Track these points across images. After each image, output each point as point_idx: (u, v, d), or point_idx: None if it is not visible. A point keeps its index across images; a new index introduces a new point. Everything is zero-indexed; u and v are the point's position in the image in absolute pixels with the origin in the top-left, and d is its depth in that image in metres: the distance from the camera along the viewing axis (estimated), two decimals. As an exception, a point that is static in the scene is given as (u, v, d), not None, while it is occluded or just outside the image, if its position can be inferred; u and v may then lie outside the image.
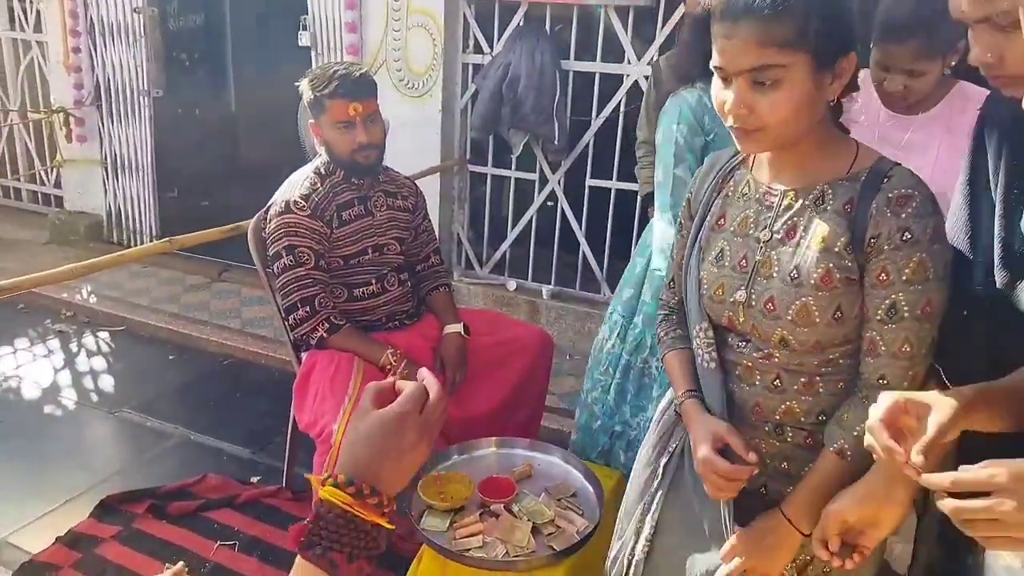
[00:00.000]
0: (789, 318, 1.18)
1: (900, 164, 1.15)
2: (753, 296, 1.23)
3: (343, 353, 2.08)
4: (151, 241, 4.60)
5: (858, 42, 1.14)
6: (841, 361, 1.21)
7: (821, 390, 1.23)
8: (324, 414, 1.95)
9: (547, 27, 3.59)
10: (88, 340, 3.78)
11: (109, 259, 2.14)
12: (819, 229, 1.16)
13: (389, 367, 2.09)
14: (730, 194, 1.30)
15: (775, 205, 1.21)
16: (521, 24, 3.62)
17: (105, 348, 3.73)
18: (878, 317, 1.14)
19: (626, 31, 3.43)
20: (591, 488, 1.84)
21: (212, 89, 5.73)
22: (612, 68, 3.53)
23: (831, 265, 1.15)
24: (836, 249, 1.14)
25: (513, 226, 3.94)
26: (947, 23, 1.35)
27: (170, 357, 3.64)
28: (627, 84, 3.49)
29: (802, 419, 1.24)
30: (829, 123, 1.19)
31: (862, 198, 1.13)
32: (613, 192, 3.64)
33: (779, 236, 1.20)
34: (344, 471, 0.74)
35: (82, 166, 4.88)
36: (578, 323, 3.70)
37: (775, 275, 1.20)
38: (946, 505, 0.81)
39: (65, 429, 3.04)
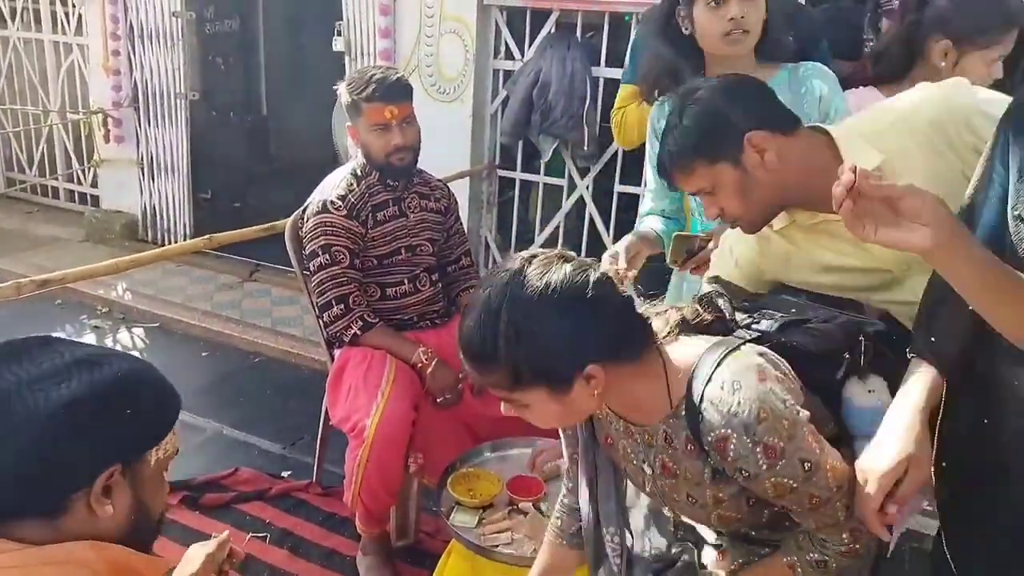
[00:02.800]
0: (714, 524, 1.21)
1: (706, 390, 1.08)
2: (676, 511, 1.28)
3: (376, 350, 2.13)
4: (184, 240, 4.70)
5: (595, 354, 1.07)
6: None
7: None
8: (357, 409, 1.99)
9: (578, 34, 3.62)
10: (123, 336, 3.86)
11: (151, 255, 2.20)
12: (683, 468, 1.17)
13: (420, 365, 2.13)
14: (601, 418, 1.28)
15: (639, 442, 1.21)
16: (552, 31, 3.65)
17: (140, 344, 3.81)
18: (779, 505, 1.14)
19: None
20: (619, 488, 1.86)
21: (246, 93, 5.84)
22: (642, 75, 3.54)
23: (714, 491, 1.16)
24: (707, 481, 1.15)
25: (540, 231, 3.97)
26: None
27: (203, 354, 3.71)
28: (657, 91, 3.51)
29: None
30: (635, 365, 1.13)
31: (694, 438, 1.11)
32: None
33: (659, 471, 1.21)
34: None
35: (119, 166, 4.98)
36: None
37: (677, 499, 1.22)
38: None
39: (101, 422, 3.11)
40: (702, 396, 1.07)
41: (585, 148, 3.59)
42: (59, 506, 0.93)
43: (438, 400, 2.14)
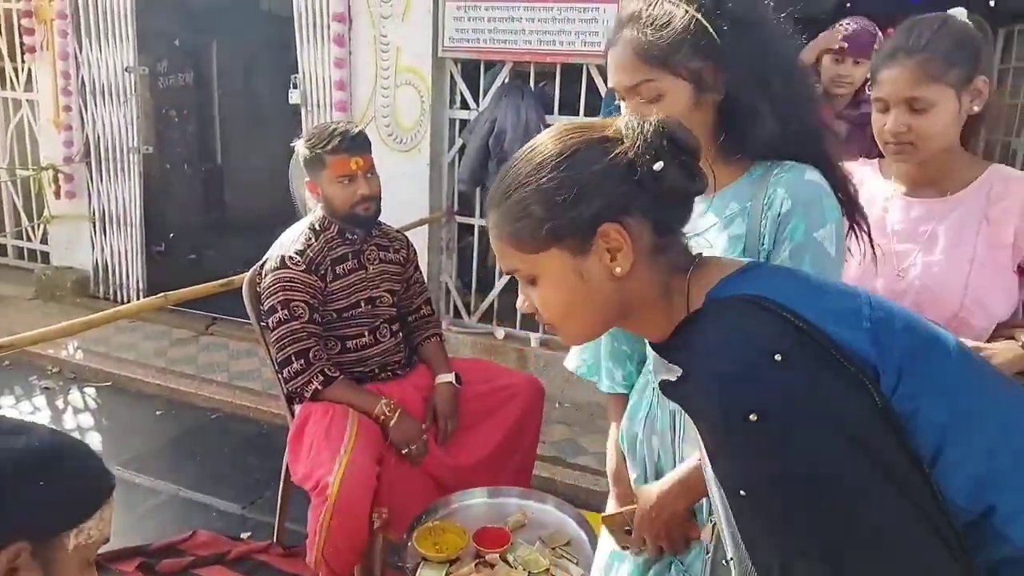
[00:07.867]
0: None
1: None
2: None
3: (337, 405, 2.10)
4: (138, 295, 4.61)
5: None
6: None
7: None
8: (320, 466, 1.96)
9: (531, 83, 3.71)
10: (74, 397, 3.75)
11: (104, 315, 2.15)
12: None
13: (383, 417, 2.11)
14: None
15: None
16: (506, 81, 3.73)
17: (92, 404, 3.70)
18: None
19: (607, 86, 3.54)
20: (585, 536, 1.85)
21: (200, 145, 5.82)
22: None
23: None
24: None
25: (501, 275, 4.00)
26: (957, 46, 1.34)
27: (157, 412, 3.61)
28: (610, 137, 3.59)
29: None
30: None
31: None
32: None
33: None
34: None
35: (70, 222, 4.90)
36: (567, 371, 3.71)
37: None
38: None
39: (51, 487, 3.00)
40: None
41: (542, 194, 3.64)
42: None
43: (403, 452, 2.12)
